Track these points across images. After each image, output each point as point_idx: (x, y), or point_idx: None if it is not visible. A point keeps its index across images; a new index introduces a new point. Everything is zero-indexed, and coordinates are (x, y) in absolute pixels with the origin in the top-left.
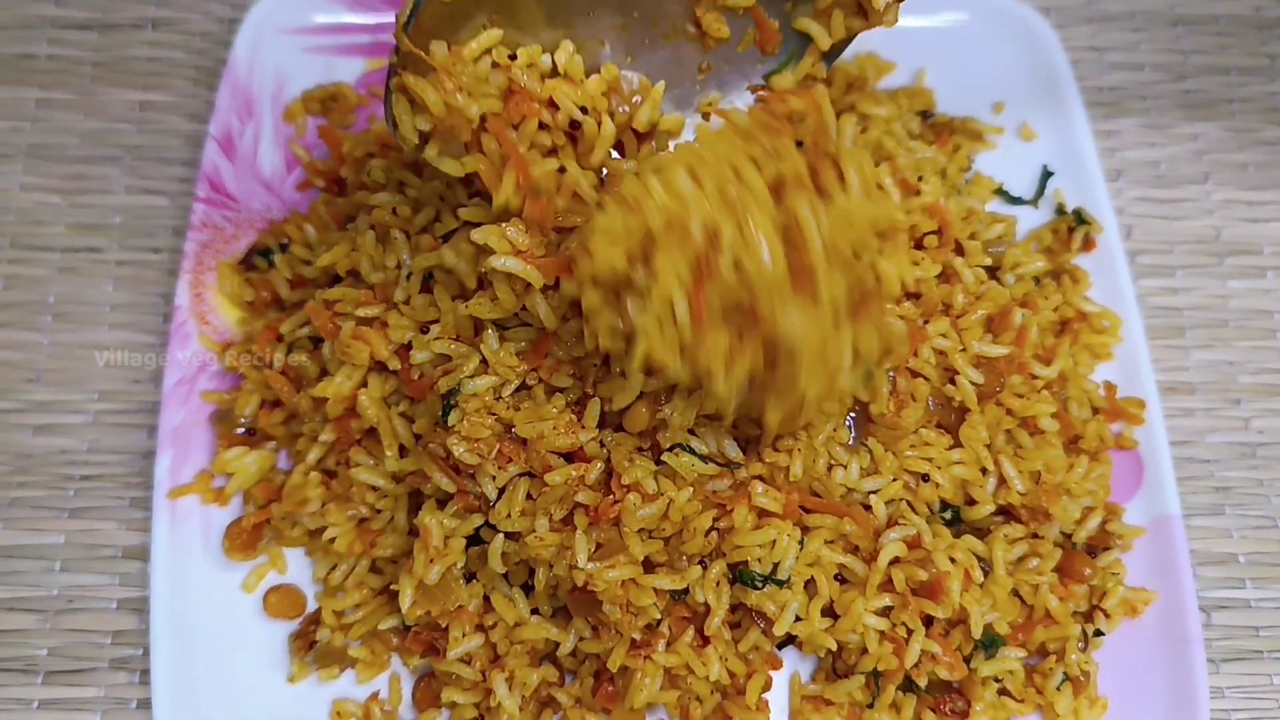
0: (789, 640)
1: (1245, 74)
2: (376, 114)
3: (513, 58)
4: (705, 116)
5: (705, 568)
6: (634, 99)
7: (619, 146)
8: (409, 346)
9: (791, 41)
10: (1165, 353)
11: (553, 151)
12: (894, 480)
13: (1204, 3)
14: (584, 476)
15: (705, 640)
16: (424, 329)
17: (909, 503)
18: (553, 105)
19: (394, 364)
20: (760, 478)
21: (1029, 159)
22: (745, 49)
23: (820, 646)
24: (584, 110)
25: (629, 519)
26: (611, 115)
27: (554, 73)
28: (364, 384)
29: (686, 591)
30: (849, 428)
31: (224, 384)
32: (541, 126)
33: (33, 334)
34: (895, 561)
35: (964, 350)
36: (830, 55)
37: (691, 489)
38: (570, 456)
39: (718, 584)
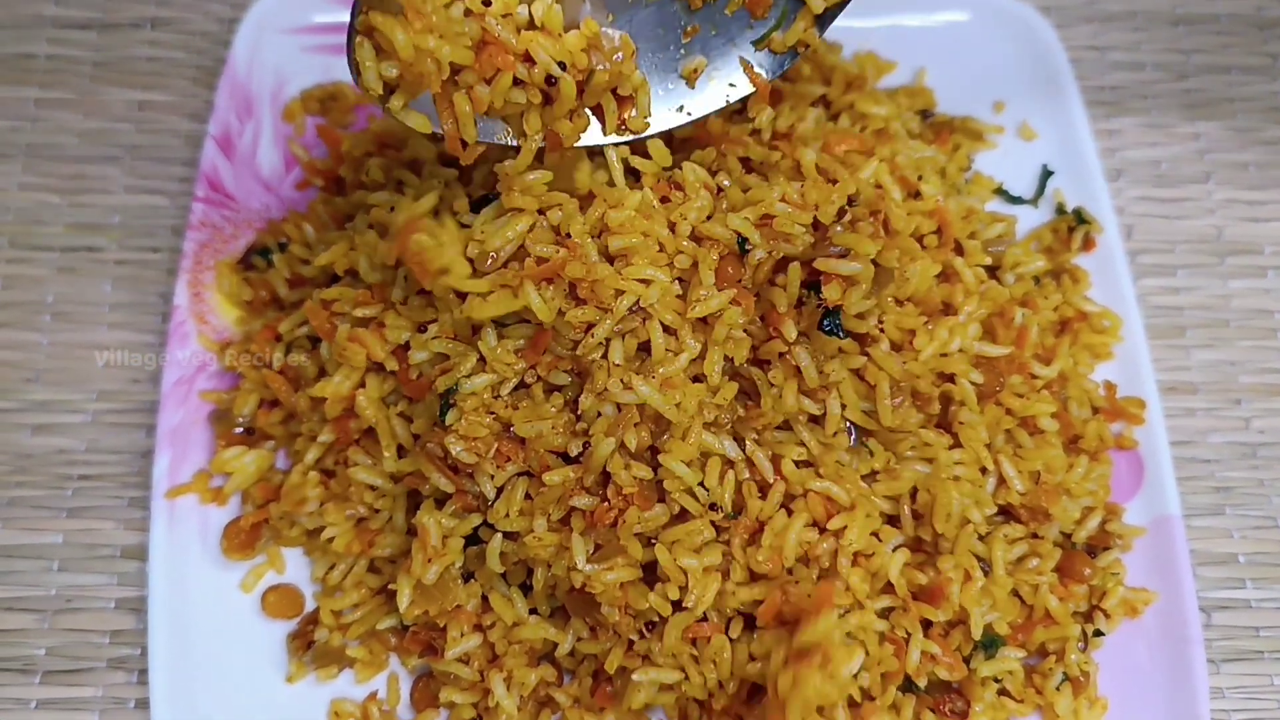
0: None
1: (1246, 73)
2: (375, 113)
3: (487, 4)
4: (690, 83)
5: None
6: (615, 56)
7: (597, 110)
8: (407, 346)
9: (782, 3)
10: (1166, 352)
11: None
12: (895, 479)
13: (1205, 2)
14: (581, 479)
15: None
16: (421, 328)
17: (913, 510)
18: (528, 60)
19: (391, 365)
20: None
21: (1029, 158)
22: (734, 11)
23: None
24: (562, 66)
25: (626, 531)
26: (590, 74)
27: (530, 25)
28: (362, 384)
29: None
30: (849, 430)
31: (223, 383)
32: (516, 83)
33: (32, 334)
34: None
35: (963, 350)
36: (823, 20)
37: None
38: (568, 456)
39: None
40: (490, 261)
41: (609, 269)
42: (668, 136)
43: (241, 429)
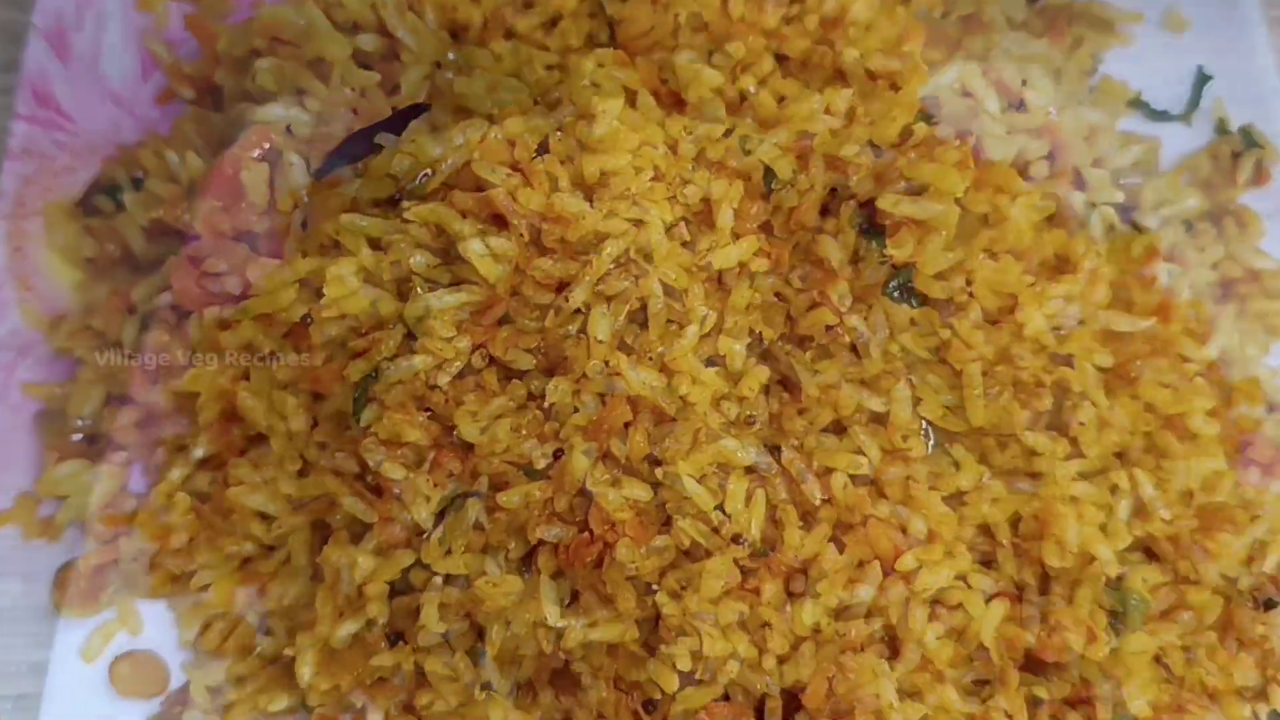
0: None
1: None
2: None
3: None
4: None
5: None
6: None
7: None
8: (306, 320)
9: None
10: None
11: None
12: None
13: None
14: (552, 501)
15: None
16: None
17: (1014, 544)
18: None
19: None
20: None
21: (1178, 58)
22: None
23: None
24: None
25: (614, 573)
26: None
27: None
28: (245, 375)
29: None
30: (925, 433)
31: (54, 373)
32: None
33: None
34: None
35: (1085, 322)
36: None
37: None
38: (533, 469)
39: None
40: (423, 179)
41: (583, 204)
42: (673, 26)
43: (80, 436)
